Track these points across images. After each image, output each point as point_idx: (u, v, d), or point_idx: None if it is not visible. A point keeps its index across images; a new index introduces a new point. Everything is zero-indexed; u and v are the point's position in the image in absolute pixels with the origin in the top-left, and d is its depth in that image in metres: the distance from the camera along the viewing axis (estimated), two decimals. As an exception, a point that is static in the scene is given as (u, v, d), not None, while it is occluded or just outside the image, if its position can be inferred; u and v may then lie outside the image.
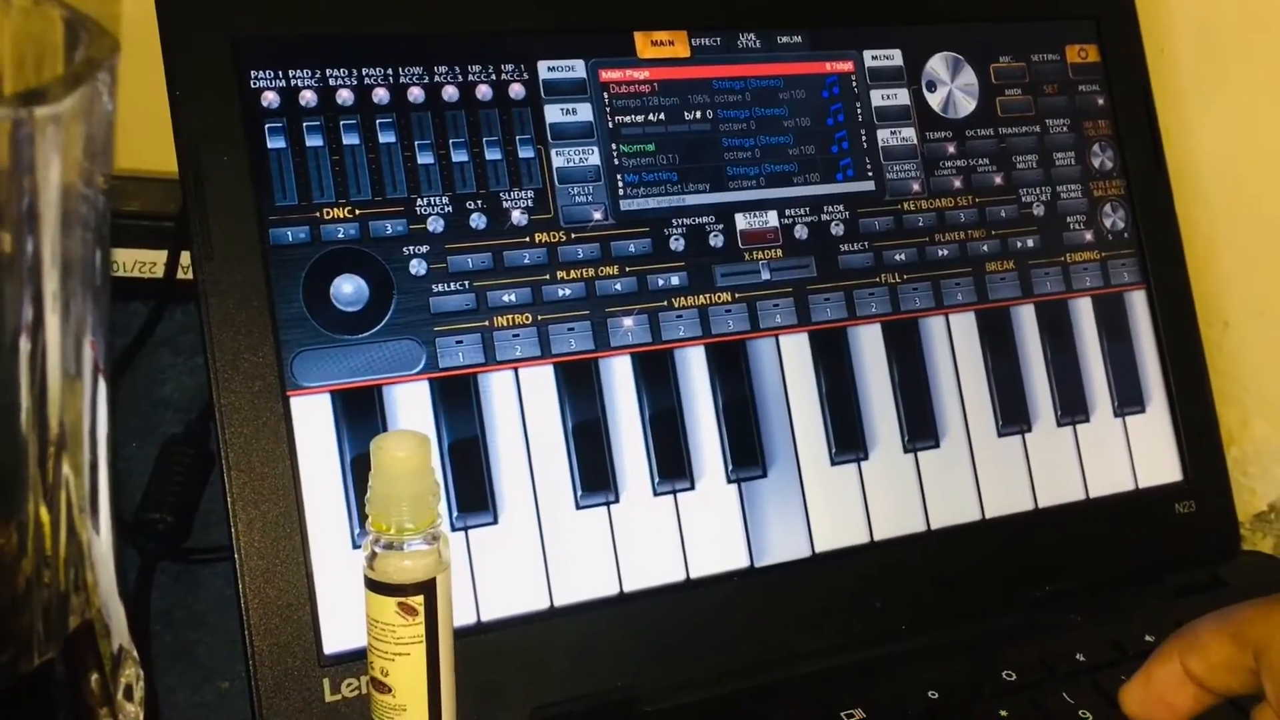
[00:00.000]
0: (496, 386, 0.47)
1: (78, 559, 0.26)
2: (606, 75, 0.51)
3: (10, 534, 0.26)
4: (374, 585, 0.39)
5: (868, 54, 0.56)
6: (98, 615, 0.27)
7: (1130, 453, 0.57)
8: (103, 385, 0.27)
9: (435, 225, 0.47)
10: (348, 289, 0.46)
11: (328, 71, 0.47)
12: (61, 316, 0.24)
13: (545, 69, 0.50)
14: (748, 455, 0.50)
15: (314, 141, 0.46)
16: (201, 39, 0.45)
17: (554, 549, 0.47)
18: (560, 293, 0.49)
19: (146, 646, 0.50)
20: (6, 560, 0.26)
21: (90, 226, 0.24)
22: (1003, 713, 0.46)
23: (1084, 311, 0.58)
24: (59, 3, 0.25)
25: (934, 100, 0.57)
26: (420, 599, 0.39)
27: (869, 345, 0.53)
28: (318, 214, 0.46)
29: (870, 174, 0.55)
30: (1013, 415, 0.55)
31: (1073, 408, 0.56)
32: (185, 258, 0.60)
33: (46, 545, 0.25)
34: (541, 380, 0.48)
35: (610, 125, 0.51)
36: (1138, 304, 0.59)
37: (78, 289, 0.24)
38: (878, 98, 0.56)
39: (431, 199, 0.47)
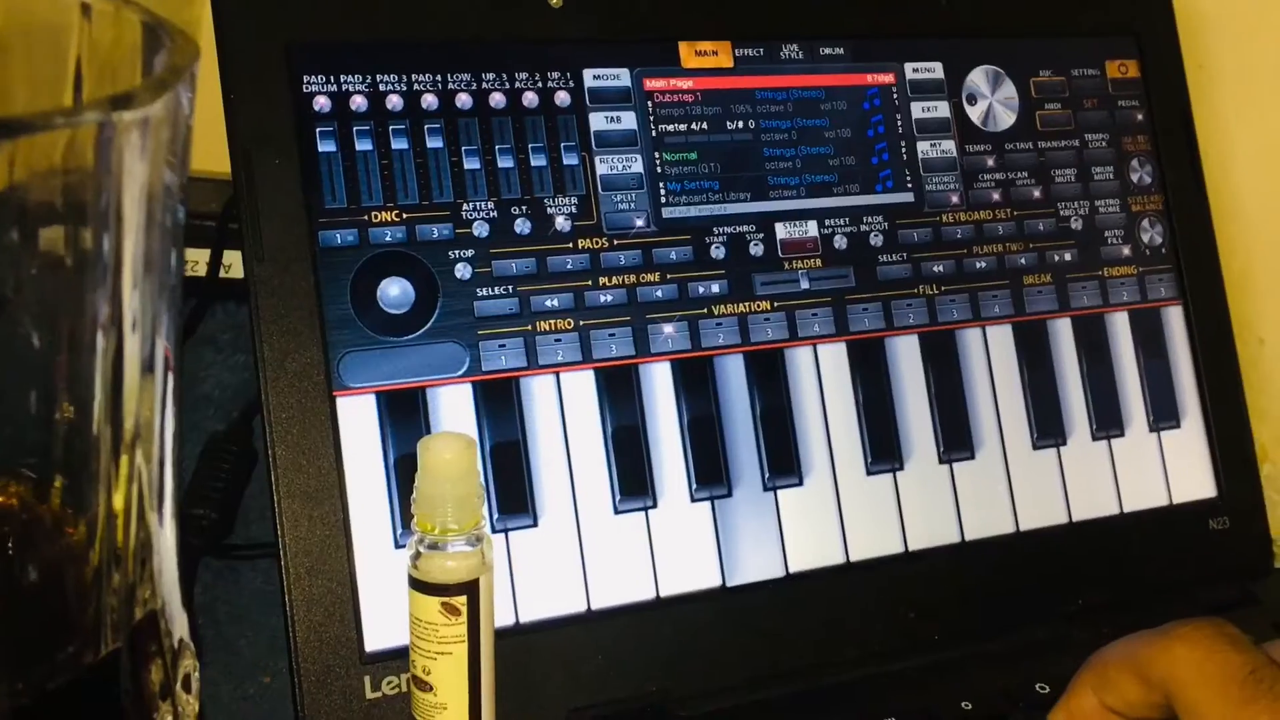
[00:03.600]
0: (538, 390, 0.48)
1: (145, 551, 0.27)
2: (651, 84, 0.51)
3: (79, 527, 0.27)
4: (418, 584, 0.39)
5: (909, 66, 0.56)
6: (161, 607, 0.28)
7: (1164, 468, 0.57)
8: (172, 382, 0.27)
9: (480, 230, 0.48)
10: (394, 291, 0.46)
11: (378, 77, 0.47)
12: (139, 316, 0.25)
13: (591, 77, 0.50)
14: (784, 463, 0.51)
15: (363, 146, 0.47)
16: (256, 43, 0.45)
17: (592, 553, 0.47)
18: (602, 298, 0.49)
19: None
20: (75, 553, 0.27)
21: (168, 230, 0.25)
22: (1036, 724, 0.46)
23: (1120, 326, 0.58)
24: (138, 8, 0.26)
25: (974, 113, 0.57)
26: (464, 599, 0.39)
27: (906, 356, 0.53)
28: (366, 217, 0.46)
29: (910, 185, 0.55)
30: (1048, 428, 0.55)
31: (1108, 422, 0.56)
32: (227, 256, 0.61)
33: (118, 537, 0.26)
34: (582, 385, 0.48)
35: (654, 134, 0.51)
36: (1174, 319, 0.59)
37: (154, 290, 0.25)
38: (918, 110, 0.56)
39: (477, 204, 0.48)
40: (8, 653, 0.25)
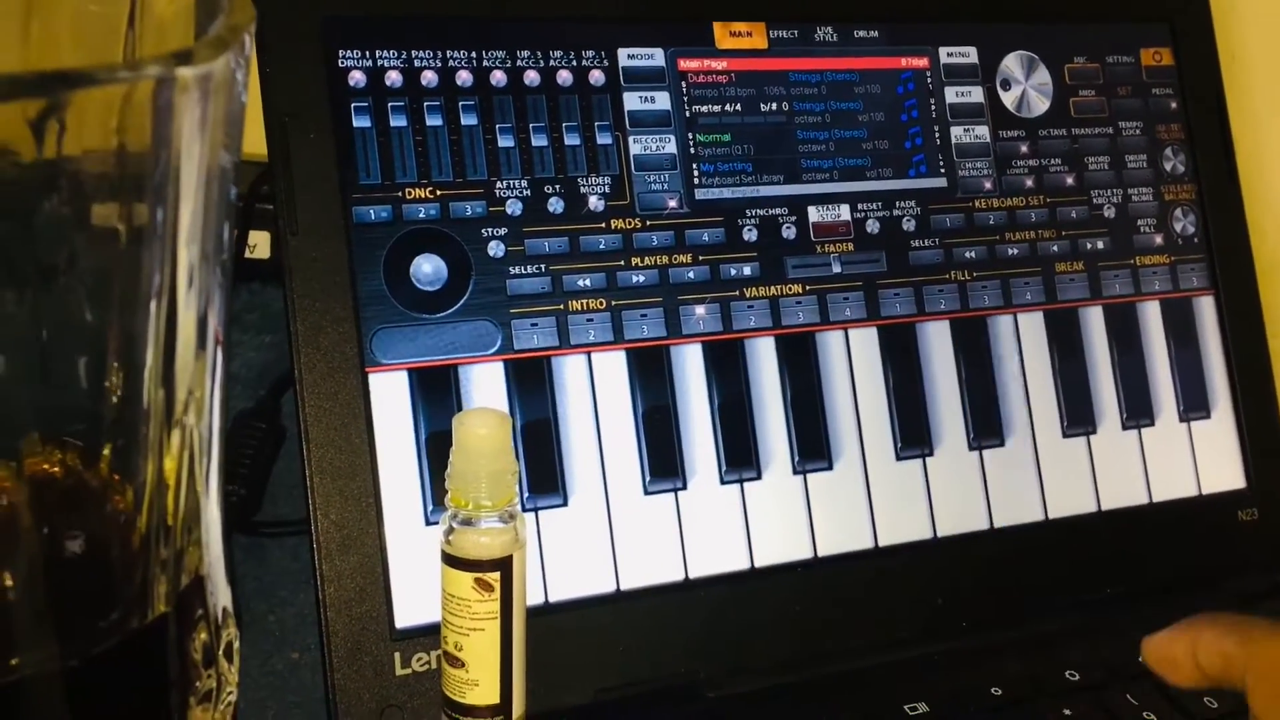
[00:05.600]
0: (570, 370, 0.48)
1: (193, 519, 0.27)
2: (685, 64, 0.51)
3: (128, 494, 0.26)
4: (451, 560, 0.39)
5: (943, 51, 0.56)
6: (208, 574, 0.28)
7: (1194, 458, 0.57)
8: (220, 354, 0.27)
9: (514, 208, 0.48)
10: (427, 268, 0.46)
11: (413, 53, 0.47)
12: (192, 288, 0.24)
13: (625, 56, 0.50)
14: (814, 447, 0.50)
15: (398, 122, 0.47)
16: (293, 17, 0.45)
17: (621, 533, 0.47)
18: (634, 279, 0.49)
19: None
20: (123, 520, 0.27)
21: (223, 207, 0.24)
22: (1066, 711, 0.46)
23: (1152, 315, 0.57)
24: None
25: (1008, 99, 0.57)
26: (496, 575, 0.39)
27: (937, 342, 0.53)
28: (400, 193, 0.46)
29: (943, 170, 0.55)
30: (1078, 416, 0.55)
31: (1138, 411, 0.56)
32: (253, 237, 0.61)
33: (168, 505, 0.26)
34: (613, 365, 0.48)
35: (687, 114, 0.51)
36: (1205, 309, 0.59)
37: (209, 264, 0.25)
38: (952, 95, 0.56)
39: (511, 182, 0.48)
40: (57, 617, 0.25)
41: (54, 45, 0.27)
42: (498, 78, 0.48)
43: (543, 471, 0.47)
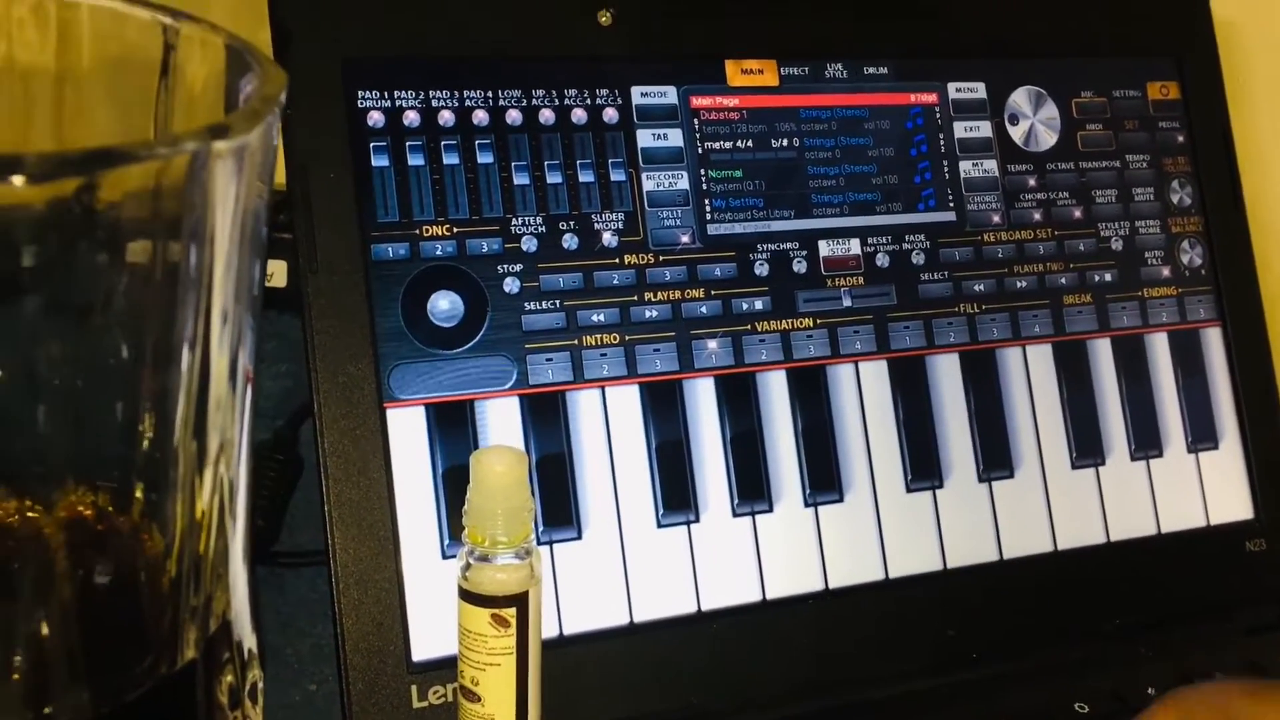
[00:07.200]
0: (584, 404, 0.48)
1: (222, 562, 0.27)
2: (697, 102, 0.52)
3: (158, 537, 0.27)
4: (468, 596, 0.40)
5: (952, 86, 0.56)
6: (235, 617, 0.28)
7: (1202, 489, 0.57)
8: (250, 393, 0.28)
9: (529, 245, 0.48)
10: (444, 305, 0.47)
11: (430, 93, 0.48)
12: (226, 329, 0.25)
13: (638, 94, 0.51)
14: (825, 479, 0.51)
15: (416, 161, 0.47)
16: (315, 59, 0.46)
17: (635, 566, 0.48)
18: (647, 314, 0.50)
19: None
20: (154, 563, 0.27)
21: (255, 242, 0.25)
22: (1076, 744, 0.46)
23: (1159, 346, 0.58)
24: (223, 31, 0.27)
25: (1016, 133, 0.57)
26: (513, 611, 0.40)
27: (947, 374, 0.54)
28: (417, 231, 0.47)
29: (952, 205, 0.55)
30: (1087, 448, 0.55)
31: (1146, 442, 0.57)
32: (270, 265, 0.62)
33: (199, 549, 0.26)
34: (627, 399, 0.49)
35: (700, 151, 0.52)
36: (1213, 341, 0.59)
37: (242, 305, 0.25)
38: (961, 129, 0.56)
39: (526, 219, 0.49)
40: (89, 665, 0.25)
41: (90, 112, 0.28)
42: (513, 117, 0.49)
43: (557, 505, 0.47)
